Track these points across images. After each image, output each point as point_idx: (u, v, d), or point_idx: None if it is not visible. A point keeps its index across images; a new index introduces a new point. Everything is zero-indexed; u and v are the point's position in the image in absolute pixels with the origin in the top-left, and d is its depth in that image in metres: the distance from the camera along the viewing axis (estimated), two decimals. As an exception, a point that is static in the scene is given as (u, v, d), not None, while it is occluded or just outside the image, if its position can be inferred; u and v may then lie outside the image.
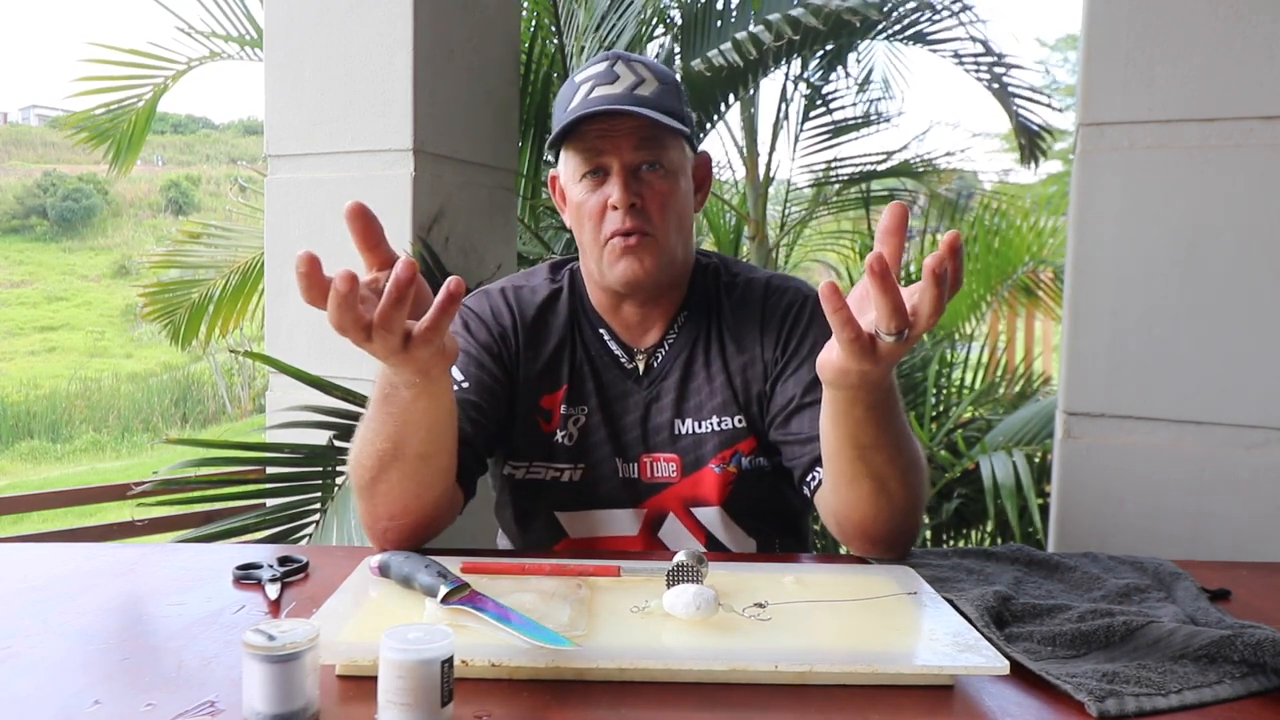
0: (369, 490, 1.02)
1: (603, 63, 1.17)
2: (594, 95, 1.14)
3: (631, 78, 1.15)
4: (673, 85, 1.18)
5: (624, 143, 1.13)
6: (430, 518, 1.05)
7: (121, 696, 0.72)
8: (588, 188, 1.16)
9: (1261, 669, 0.77)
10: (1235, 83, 1.62)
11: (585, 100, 1.14)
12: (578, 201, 1.17)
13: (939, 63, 3.88)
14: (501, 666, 0.73)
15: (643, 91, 1.14)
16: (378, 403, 0.96)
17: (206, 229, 3.95)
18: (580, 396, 1.22)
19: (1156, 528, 1.69)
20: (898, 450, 0.98)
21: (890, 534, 1.05)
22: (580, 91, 1.15)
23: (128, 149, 3.58)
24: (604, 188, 1.15)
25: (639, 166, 1.14)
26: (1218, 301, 1.64)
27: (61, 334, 18.85)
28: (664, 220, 1.15)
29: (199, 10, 3.30)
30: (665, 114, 1.12)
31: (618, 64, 1.16)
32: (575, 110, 1.13)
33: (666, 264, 1.17)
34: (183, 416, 13.72)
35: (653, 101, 1.13)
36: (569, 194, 1.19)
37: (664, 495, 1.20)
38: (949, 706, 0.73)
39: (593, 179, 1.15)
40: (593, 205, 1.15)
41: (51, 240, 24.06)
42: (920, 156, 4.02)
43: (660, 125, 1.12)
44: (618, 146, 1.13)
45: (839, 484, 1.02)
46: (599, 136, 1.13)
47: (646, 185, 1.14)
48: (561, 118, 1.15)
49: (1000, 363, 4.00)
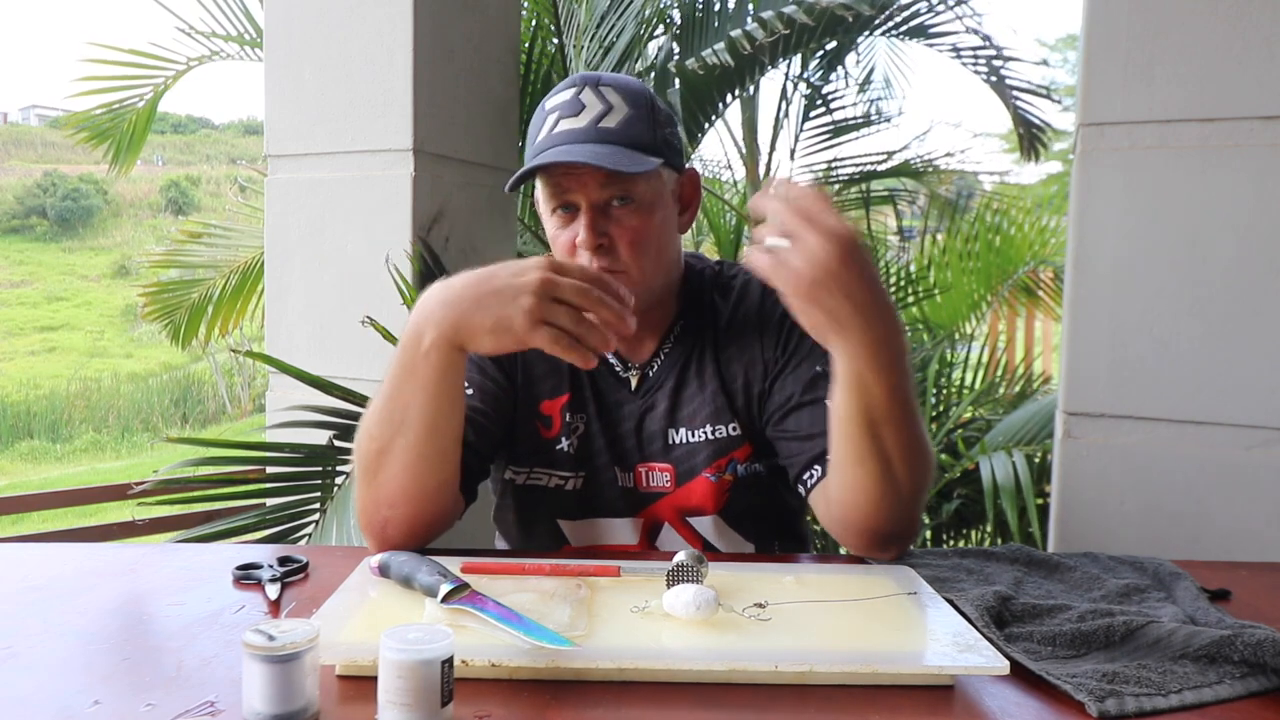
0: (374, 466, 1.02)
1: (569, 89, 1.13)
2: (558, 130, 1.11)
3: (599, 107, 1.10)
4: (644, 109, 1.13)
5: (589, 181, 1.10)
6: (430, 510, 1.05)
7: (121, 696, 0.72)
8: (559, 222, 1.13)
9: (1261, 669, 0.77)
10: (1235, 83, 1.62)
11: (550, 135, 1.11)
12: (551, 235, 1.15)
13: (939, 63, 3.90)
14: (501, 666, 0.73)
15: (608, 123, 1.10)
16: (399, 364, 0.98)
17: (207, 228, 3.96)
18: (580, 405, 1.21)
19: (1156, 528, 1.69)
20: (908, 432, 0.97)
21: (891, 525, 1.03)
22: (547, 123, 1.12)
23: (128, 149, 3.58)
24: (573, 225, 1.12)
25: (607, 203, 1.11)
26: (1218, 301, 1.64)
27: (61, 334, 18.85)
28: (635, 255, 1.12)
29: (199, 10, 3.30)
30: (631, 146, 1.09)
31: (584, 91, 1.12)
32: (540, 145, 1.11)
33: (642, 295, 1.13)
34: (183, 416, 13.73)
35: (618, 134, 1.10)
36: (544, 224, 1.18)
37: (659, 505, 1.20)
38: (949, 706, 0.73)
39: (563, 214, 1.13)
40: (564, 241, 1.13)
41: (51, 240, 24.07)
42: (920, 156, 4.02)
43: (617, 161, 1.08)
44: (583, 184, 1.10)
45: (846, 463, 1.00)
46: (564, 174, 1.10)
47: (615, 222, 1.11)
48: (529, 151, 1.13)
49: (1000, 363, 4.00)
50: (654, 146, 1.12)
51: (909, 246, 4.68)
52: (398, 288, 1.88)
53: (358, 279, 2.04)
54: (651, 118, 1.14)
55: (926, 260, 3.98)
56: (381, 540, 1.05)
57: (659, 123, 1.15)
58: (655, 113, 1.15)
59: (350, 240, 2.06)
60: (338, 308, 2.06)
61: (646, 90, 1.16)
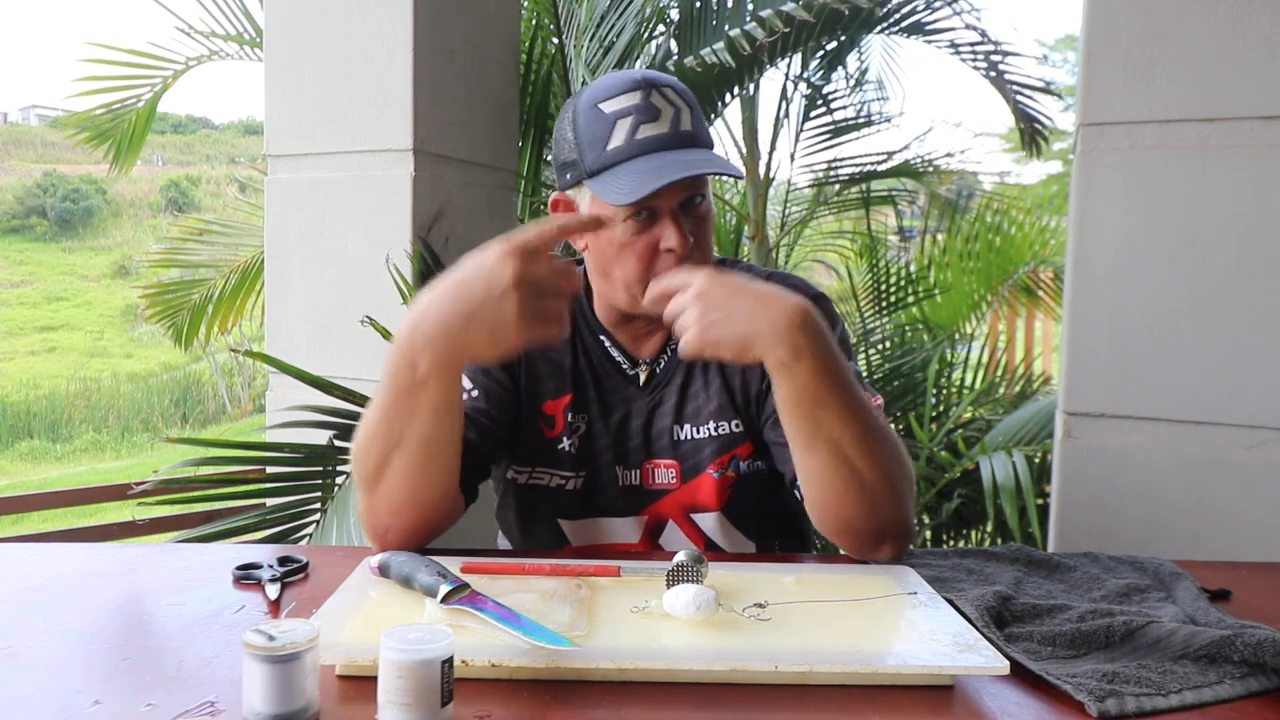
0: (373, 479, 1.01)
1: (633, 92, 1.11)
2: (641, 136, 1.09)
3: (670, 110, 1.11)
4: (697, 106, 1.15)
5: (676, 187, 1.09)
6: (431, 517, 1.05)
7: (121, 696, 0.72)
8: (633, 229, 1.11)
9: (1261, 669, 0.77)
10: (1235, 83, 1.62)
11: (634, 142, 1.09)
12: (621, 241, 1.12)
13: (939, 63, 3.89)
14: (501, 666, 0.73)
15: (685, 125, 1.11)
16: (394, 389, 0.96)
17: (207, 225, 3.96)
18: (583, 404, 1.21)
19: (1156, 528, 1.69)
20: (852, 416, 0.97)
21: (866, 520, 1.02)
22: (621, 129, 1.10)
23: (128, 149, 3.58)
24: (654, 229, 1.11)
25: (686, 201, 1.12)
26: (1218, 301, 1.64)
27: (61, 334, 18.85)
28: (706, 249, 1.15)
29: (198, 10, 3.30)
30: (708, 146, 1.13)
31: (653, 94, 1.11)
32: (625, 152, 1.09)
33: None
34: (183, 416, 13.73)
35: (697, 136, 1.12)
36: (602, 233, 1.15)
37: (664, 502, 1.20)
38: (949, 706, 0.73)
39: (637, 220, 1.11)
40: (643, 246, 1.12)
41: (51, 240, 24.07)
42: (921, 156, 4.02)
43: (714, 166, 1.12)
44: (671, 192, 1.10)
45: (798, 453, 1.01)
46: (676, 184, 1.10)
47: (695, 220, 1.13)
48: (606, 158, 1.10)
49: (1000, 363, 4.00)
50: (712, 141, 1.16)
51: (909, 246, 4.69)
52: (398, 288, 1.88)
53: (358, 279, 2.04)
54: (702, 113, 1.17)
55: (927, 260, 3.98)
56: (384, 544, 1.05)
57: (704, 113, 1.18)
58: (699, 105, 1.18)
59: (350, 240, 2.06)
60: (338, 308, 2.06)
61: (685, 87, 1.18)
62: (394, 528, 1.04)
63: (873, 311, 3.60)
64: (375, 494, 1.02)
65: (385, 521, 1.04)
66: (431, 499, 1.03)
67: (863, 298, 3.62)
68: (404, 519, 1.03)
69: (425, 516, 1.04)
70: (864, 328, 3.52)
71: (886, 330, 3.63)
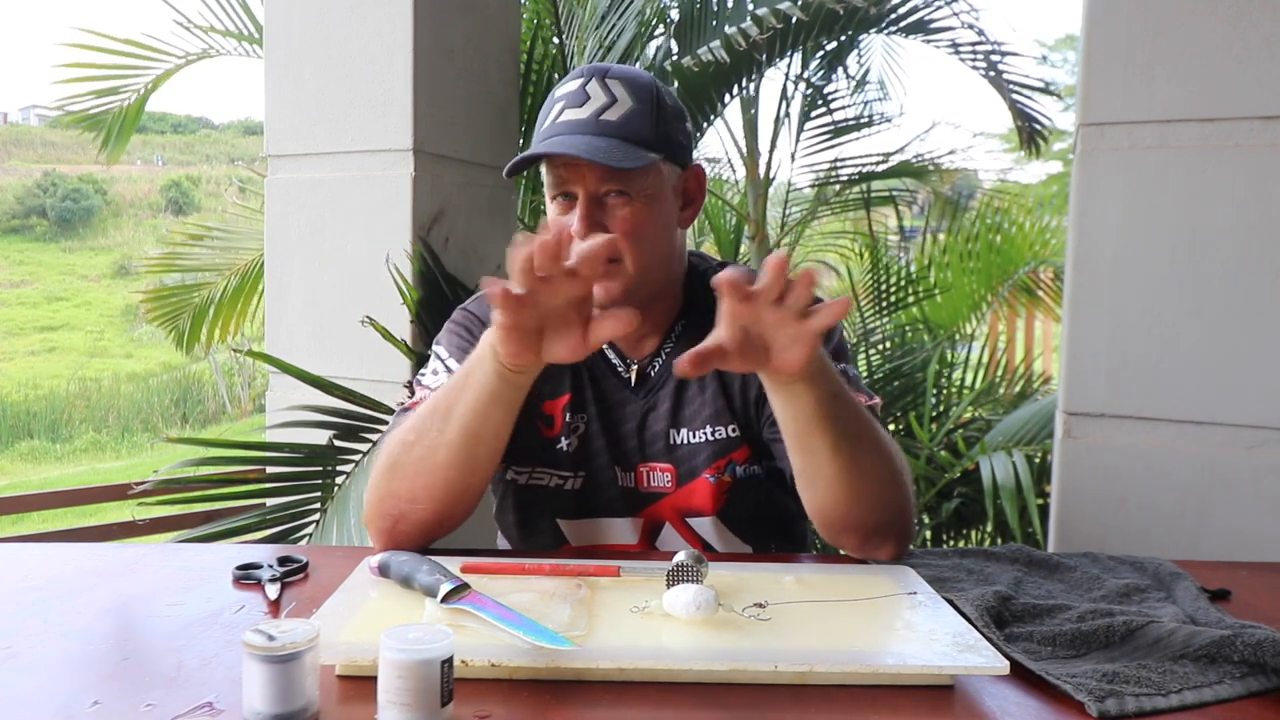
0: (404, 459, 1.02)
1: (577, 80, 1.14)
2: (561, 119, 1.12)
3: (602, 99, 1.12)
4: (649, 103, 1.14)
5: (587, 173, 1.11)
6: (447, 513, 1.05)
7: (121, 696, 0.72)
8: (558, 209, 1.15)
9: (1261, 669, 0.77)
10: (1235, 83, 1.62)
11: (553, 124, 1.12)
12: (550, 221, 1.16)
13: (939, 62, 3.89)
14: (501, 666, 0.73)
15: (610, 116, 1.11)
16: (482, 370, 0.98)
17: (208, 231, 3.95)
18: (581, 404, 1.21)
19: (1156, 528, 1.69)
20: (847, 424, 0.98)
21: (869, 524, 1.03)
22: (552, 113, 1.14)
23: (118, 138, 3.56)
24: (571, 214, 1.13)
25: (604, 195, 1.12)
26: (1217, 301, 1.64)
27: (61, 334, 18.85)
28: (628, 247, 1.13)
29: (198, 7, 3.30)
30: (631, 141, 1.10)
31: (591, 82, 1.13)
32: (543, 134, 1.13)
33: (638, 286, 1.15)
34: (183, 416, 13.72)
35: (618, 127, 1.10)
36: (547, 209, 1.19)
37: (659, 505, 1.20)
38: (949, 706, 0.73)
39: (564, 201, 1.14)
40: (560, 228, 1.14)
41: (51, 240, 24.07)
42: (921, 156, 4.02)
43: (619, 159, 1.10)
44: (581, 176, 1.11)
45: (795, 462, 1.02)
46: (564, 164, 1.12)
47: (610, 214, 1.12)
48: (534, 138, 1.14)
49: (1000, 363, 4.00)
50: (654, 142, 1.13)
51: (909, 246, 4.68)
52: (398, 288, 1.88)
53: (358, 279, 2.04)
54: (655, 113, 1.14)
55: (927, 260, 3.98)
56: (389, 535, 1.05)
57: (664, 118, 1.15)
58: (660, 108, 1.15)
59: (350, 240, 2.06)
60: (338, 308, 2.06)
61: (654, 84, 1.16)
62: (409, 516, 1.03)
63: (873, 311, 3.60)
64: (400, 476, 1.03)
65: (401, 508, 1.03)
66: (457, 492, 1.04)
67: (863, 298, 3.62)
68: (423, 507, 1.03)
69: (444, 509, 1.04)
70: (864, 328, 3.52)
71: (887, 330, 3.63)
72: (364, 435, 1.82)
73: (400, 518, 1.04)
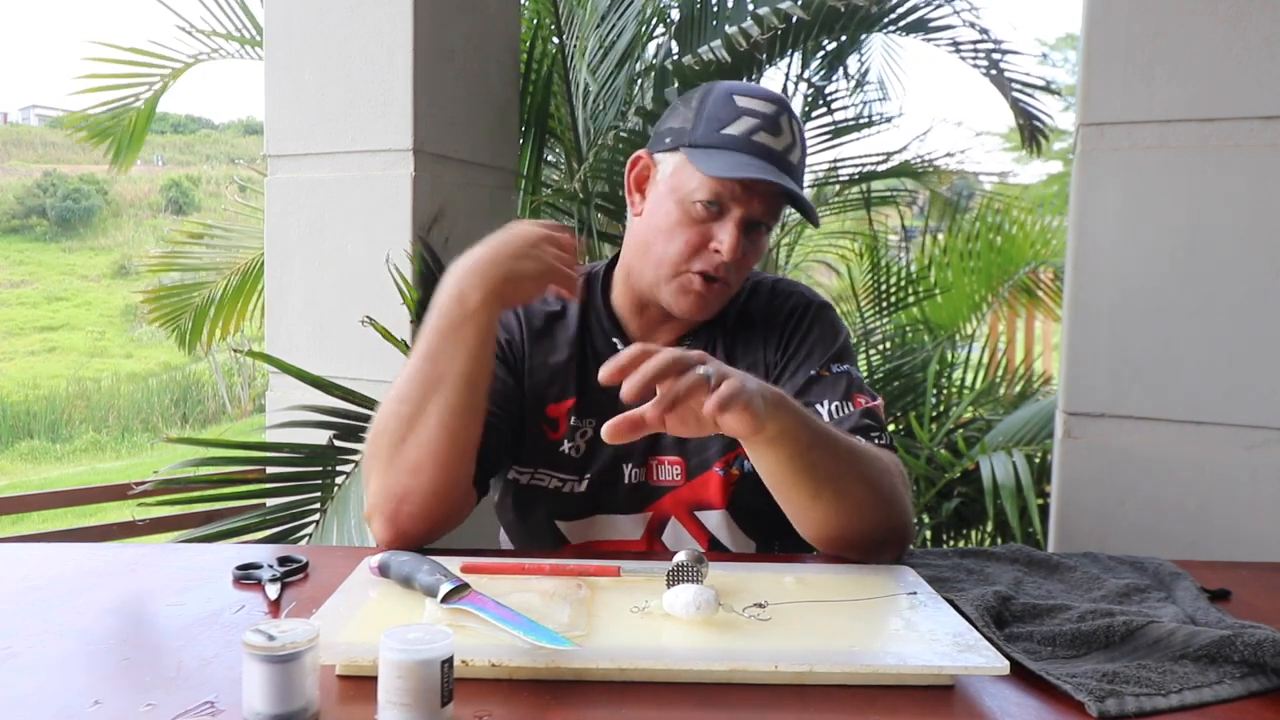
0: (402, 432, 1.03)
1: (771, 106, 1.15)
2: (756, 139, 1.12)
3: (789, 139, 1.14)
4: (806, 152, 1.20)
5: (757, 202, 1.13)
6: (451, 484, 1.05)
7: (121, 696, 0.72)
8: (698, 214, 1.14)
9: (1261, 669, 0.77)
10: (1235, 83, 1.62)
11: (747, 140, 1.12)
12: (676, 219, 1.15)
13: (939, 62, 3.88)
14: (501, 666, 0.73)
15: (793, 158, 1.15)
16: (441, 327, 1.03)
17: (208, 230, 3.95)
18: (589, 409, 1.21)
19: (1156, 528, 1.69)
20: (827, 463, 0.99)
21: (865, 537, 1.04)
22: (740, 124, 1.13)
23: (129, 147, 3.57)
24: (715, 224, 1.13)
25: (754, 224, 1.15)
26: (1217, 301, 1.64)
27: (61, 334, 18.86)
28: (741, 275, 1.19)
29: (199, 9, 3.30)
30: (799, 185, 1.16)
31: (783, 116, 1.15)
32: (736, 143, 1.12)
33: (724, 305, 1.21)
34: (183, 416, 13.73)
35: (795, 171, 1.15)
36: (662, 203, 1.17)
37: (667, 499, 1.20)
38: (949, 706, 0.73)
39: (707, 209, 1.13)
40: (694, 235, 1.14)
41: (51, 240, 24.08)
42: (921, 156, 4.02)
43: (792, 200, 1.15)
44: (750, 202, 1.13)
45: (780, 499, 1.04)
46: (747, 186, 1.12)
47: (751, 242, 1.17)
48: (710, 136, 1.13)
49: (1000, 363, 4.00)
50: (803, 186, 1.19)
51: (909, 246, 4.68)
52: (398, 288, 1.88)
53: (358, 279, 2.04)
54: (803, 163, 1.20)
55: (927, 260, 3.98)
56: (393, 522, 1.04)
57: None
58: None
59: (350, 240, 2.06)
60: (338, 308, 2.06)
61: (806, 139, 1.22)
62: (414, 492, 1.03)
63: (873, 311, 3.60)
64: (400, 451, 1.03)
65: (406, 482, 1.03)
66: (460, 451, 1.04)
67: (863, 298, 3.62)
68: (427, 477, 1.02)
69: (448, 478, 1.04)
70: (864, 328, 3.52)
71: (887, 330, 3.63)
72: (364, 435, 1.81)
73: (405, 496, 1.03)
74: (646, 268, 1.18)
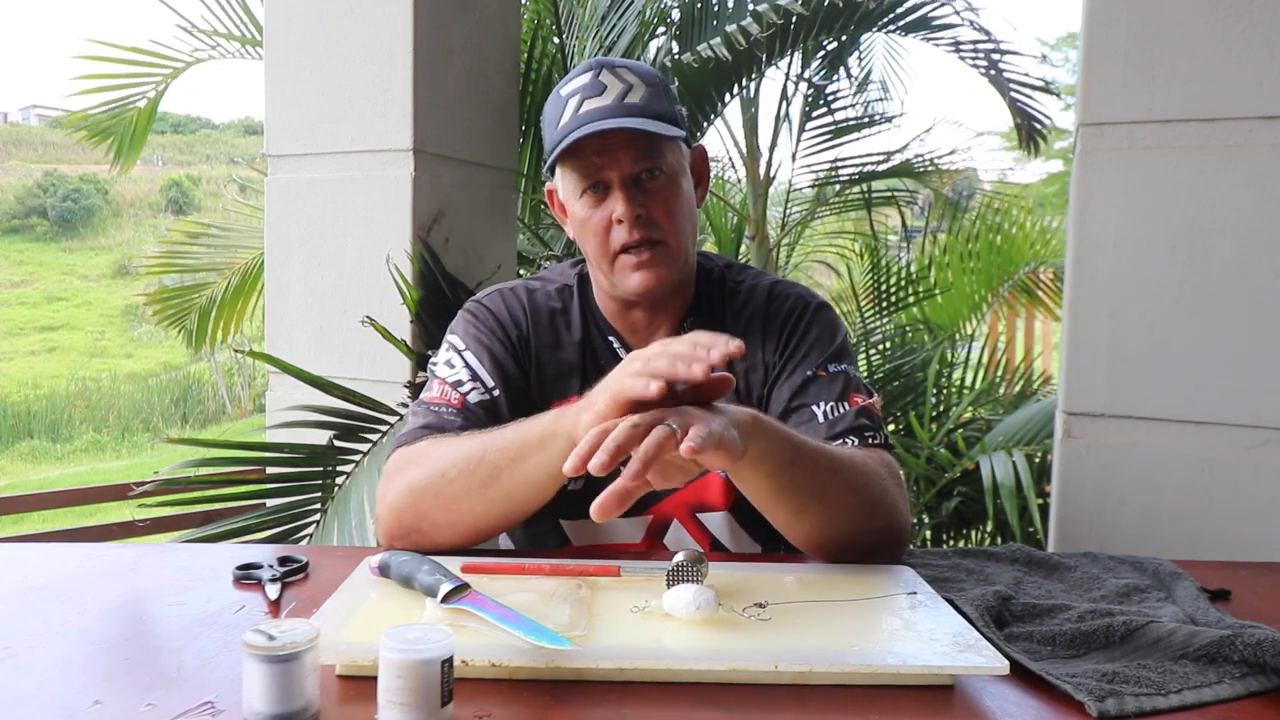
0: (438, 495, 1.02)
1: (586, 73, 1.16)
2: (584, 110, 1.13)
3: (619, 86, 1.14)
4: (660, 86, 1.17)
5: (622, 155, 1.13)
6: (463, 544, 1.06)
7: (121, 696, 0.72)
8: (590, 203, 1.15)
9: (1261, 669, 0.77)
10: (1235, 83, 1.62)
11: (575, 116, 1.13)
12: (581, 217, 1.17)
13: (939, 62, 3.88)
14: (501, 666, 0.73)
15: (632, 99, 1.13)
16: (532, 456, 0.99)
17: (206, 229, 3.95)
18: None
19: (1156, 528, 1.69)
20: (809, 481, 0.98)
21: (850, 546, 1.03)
22: (569, 107, 1.14)
23: (130, 147, 3.58)
24: (607, 202, 1.14)
25: (639, 175, 1.14)
26: (1217, 301, 1.64)
27: (61, 334, 18.86)
28: (671, 224, 1.16)
29: (199, 9, 3.30)
30: (657, 118, 1.12)
31: (602, 73, 1.15)
32: (567, 127, 1.13)
33: (680, 266, 1.18)
34: (183, 416, 13.74)
35: (643, 108, 1.13)
36: (570, 210, 1.19)
37: (669, 501, 1.20)
38: (949, 706, 0.73)
39: (593, 194, 1.15)
40: (598, 221, 1.15)
41: (51, 240, 24.09)
42: (921, 156, 4.02)
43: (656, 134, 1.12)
44: (616, 160, 1.13)
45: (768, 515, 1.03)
46: (596, 153, 1.13)
47: (649, 194, 1.14)
48: (554, 136, 1.15)
49: (1000, 363, 4.00)
50: (675, 119, 1.16)
51: (909, 246, 4.69)
52: (398, 288, 1.88)
53: (358, 279, 2.04)
54: (668, 93, 1.18)
55: (927, 260, 3.98)
56: (400, 541, 1.05)
57: (673, 99, 1.19)
58: (669, 91, 1.19)
59: (350, 240, 2.06)
60: (338, 308, 2.06)
61: (656, 71, 1.20)
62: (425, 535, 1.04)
63: (873, 311, 3.60)
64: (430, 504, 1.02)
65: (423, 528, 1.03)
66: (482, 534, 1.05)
67: (863, 298, 3.62)
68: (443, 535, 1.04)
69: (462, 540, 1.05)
70: (864, 328, 3.52)
71: (887, 330, 3.63)
72: (364, 435, 1.82)
73: (416, 532, 1.04)
74: (597, 273, 1.21)
